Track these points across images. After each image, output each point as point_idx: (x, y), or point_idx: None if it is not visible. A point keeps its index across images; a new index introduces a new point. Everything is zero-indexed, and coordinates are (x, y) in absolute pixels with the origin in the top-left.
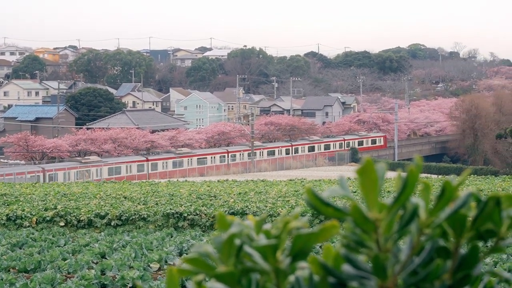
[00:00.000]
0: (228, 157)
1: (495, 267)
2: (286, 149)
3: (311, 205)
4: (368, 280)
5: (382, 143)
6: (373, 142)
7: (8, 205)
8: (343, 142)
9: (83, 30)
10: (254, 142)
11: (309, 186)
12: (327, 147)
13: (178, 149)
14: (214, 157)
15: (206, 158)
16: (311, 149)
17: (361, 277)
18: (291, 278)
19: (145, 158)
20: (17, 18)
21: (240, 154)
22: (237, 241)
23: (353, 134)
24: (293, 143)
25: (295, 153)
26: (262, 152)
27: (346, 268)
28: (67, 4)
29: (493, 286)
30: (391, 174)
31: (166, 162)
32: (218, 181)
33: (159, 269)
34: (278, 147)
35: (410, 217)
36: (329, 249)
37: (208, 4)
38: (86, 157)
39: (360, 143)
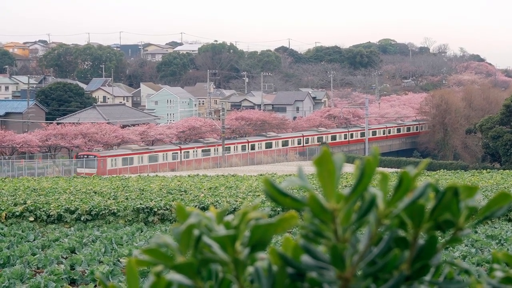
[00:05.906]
0: (247, 146)
1: (464, 261)
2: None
3: (269, 195)
4: (327, 270)
5: None
6: None
7: None
8: None
9: (53, 25)
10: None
11: (267, 177)
12: None
13: (206, 139)
14: (237, 147)
15: (230, 147)
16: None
17: (320, 268)
18: (251, 268)
19: (179, 147)
20: None
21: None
22: (196, 232)
23: None
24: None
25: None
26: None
27: (305, 258)
28: None
29: (453, 277)
30: None
31: (196, 151)
32: (189, 176)
33: None
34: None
35: (368, 207)
36: (289, 240)
37: None
38: (128, 146)
39: None
